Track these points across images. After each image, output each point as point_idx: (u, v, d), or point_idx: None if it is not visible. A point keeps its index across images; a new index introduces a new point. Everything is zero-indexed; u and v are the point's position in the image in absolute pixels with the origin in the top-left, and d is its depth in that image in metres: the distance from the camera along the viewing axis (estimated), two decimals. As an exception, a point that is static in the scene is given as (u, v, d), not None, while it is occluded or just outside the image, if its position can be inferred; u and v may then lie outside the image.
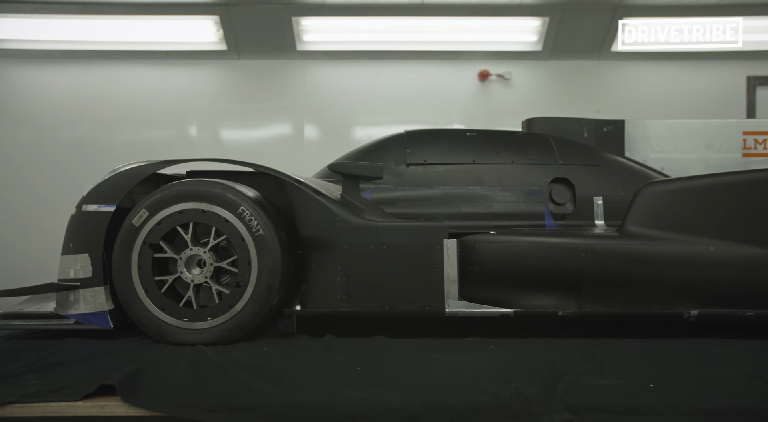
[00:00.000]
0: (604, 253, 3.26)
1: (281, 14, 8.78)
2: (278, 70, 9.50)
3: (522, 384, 2.47)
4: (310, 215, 3.27)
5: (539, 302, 3.32)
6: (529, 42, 9.35)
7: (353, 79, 9.46)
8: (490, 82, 9.57)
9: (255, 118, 9.43)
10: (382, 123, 9.05)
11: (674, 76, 9.57)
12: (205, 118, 9.38)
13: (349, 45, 9.25)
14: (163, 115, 9.24)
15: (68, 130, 9.08)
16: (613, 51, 9.38)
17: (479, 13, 9.00)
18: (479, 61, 9.48)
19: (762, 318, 3.22)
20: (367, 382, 2.53)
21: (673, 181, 3.43)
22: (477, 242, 3.35)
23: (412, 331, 3.47)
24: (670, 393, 2.40)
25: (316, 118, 9.45)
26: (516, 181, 4.06)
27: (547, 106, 9.37)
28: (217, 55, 9.27)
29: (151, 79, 9.31)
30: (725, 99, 9.42)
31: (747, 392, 2.42)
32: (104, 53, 8.98)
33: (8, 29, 8.37)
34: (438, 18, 9.07)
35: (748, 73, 9.44)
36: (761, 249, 3.22)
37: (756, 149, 4.67)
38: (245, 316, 3.14)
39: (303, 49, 9.23)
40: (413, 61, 9.42)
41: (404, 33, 9.22)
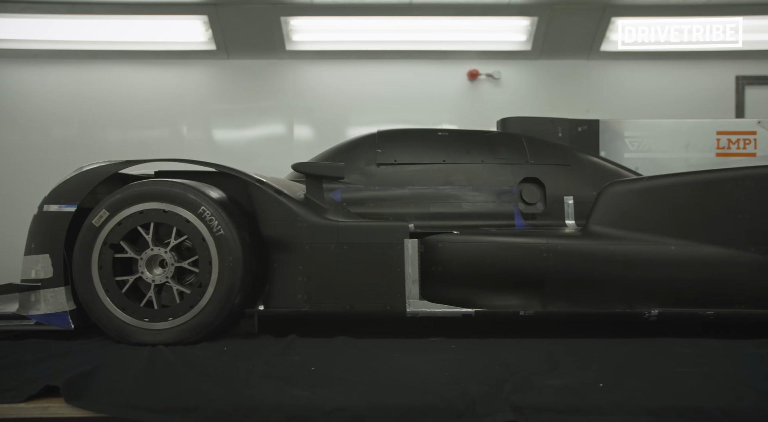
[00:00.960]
0: (566, 253, 3.26)
1: (270, 14, 8.78)
2: (268, 70, 9.50)
3: (471, 384, 2.48)
4: (271, 215, 3.27)
5: (502, 302, 3.32)
6: (518, 41, 9.35)
7: (343, 79, 9.46)
8: (479, 81, 9.56)
9: (245, 118, 9.44)
10: (371, 123, 9.02)
11: (664, 75, 9.57)
12: (195, 118, 9.39)
13: (338, 45, 9.25)
14: (153, 115, 9.24)
15: (58, 130, 9.10)
16: (602, 51, 9.38)
17: (468, 12, 9.00)
18: (469, 60, 9.48)
19: (722, 317, 3.22)
20: (317, 382, 2.53)
21: (636, 181, 3.43)
22: (440, 242, 3.35)
23: (377, 331, 3.47)
24: (617, 393, 2.41)
25: (305, 118, 9.46)
26: (486, 181, 4.05)
27: (536, 106, 9.38)
28: (207, 55, 9.27)
29: (140, 79, 9.31)
30: (714, 98, 9.41)
31: (695, 391, 2.42)
32: (93, 53, 8.99)
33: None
34: (427, 18, 9.08)
35: (737, 72, 9.43)
36: (721, 248, 3.23)
37: (729, 149, 4.66)
38: (206, 316, 3.14)
39: (292, 49, 9.24)
40: (402, 61, 9.42)
41: (393, 33, 9.22)
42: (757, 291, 3.19)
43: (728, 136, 4.67)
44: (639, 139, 4.69)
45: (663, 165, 4.57)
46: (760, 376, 2.59)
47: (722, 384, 2.49)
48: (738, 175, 3.28)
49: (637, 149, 4.69)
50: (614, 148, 4.69)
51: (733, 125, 4.71)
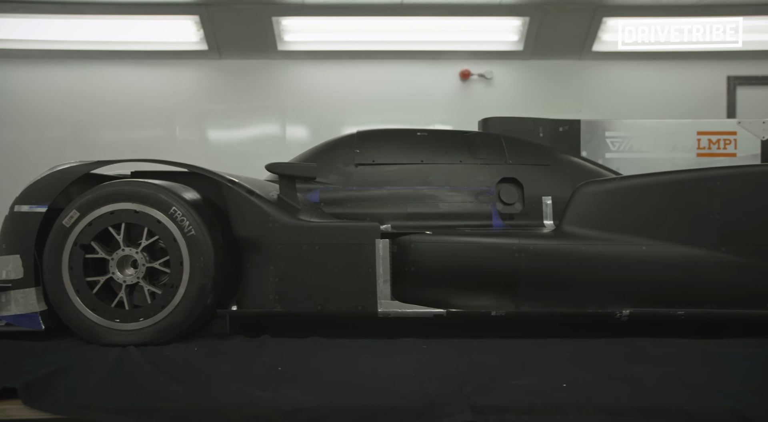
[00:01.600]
0: (538, 253, 3.26)
1: (261, 14, 8.79)
2: (260, 70, 9.51)
3: (434, 384, 2.48)
4: (243, 215, 3.27)
5: (475, 302, 3.32)
6: (510, 42, 9.36)
7: (335, 79, 9.46)
8: (471, 81, 9.57)
9: (237, 118, 9.44)
10: (364, 123, 8.99)
11: (656, 75, 9.57)
12: (188, 118, 9.40)
13: (330, 45, 9.27)
14: (145, 115, 9.25)
15: (51, 130, 9.11)
16: (594, 51, 9.39)
17: (459, 12, 9.00)
18: (461, 60, 9.49)
19: (692, 316, 3.22)
20: (282, 383, 2.53)
21: (608, 181, 3.43)
22: (412, 242, 3.35)
23: (352, 332, 3.46)
24: (579, 392, 2.41)
25: (298, 118, 9.47)
26: (464, 181, 4.06)
27: (529, 106, 9.37)
28: (199, 55, 9.29)
29: (132, 80, 9.32)
30: (706, 99, 9.43)
31: (657, 390, 2.42)
32: (84, 53, 9.00)
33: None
34: (418, 18, 9.09)
35: (728, 73, 9.43)
36: (692, 248, 3.23)
37: (710, 149, 4.66)
38: (178, 317, 3.14)
39: (284, 49, 9.25)
40: (394, 61, 9.43)
41: (385, 33, 9.23)
42: (728, 291, 3.19)
43: (709, 136, 4.67)
44: (620, 139, 4.69)
45: (644, 165, 4.56)
46: (722, 375, 2.60)
47: (684, 384, 2.50)
48: (708, 176, 3.28)
49: (618, 149, 4.68)
50: (595, 148, 4.69)
51: (713, 125, 4.71)
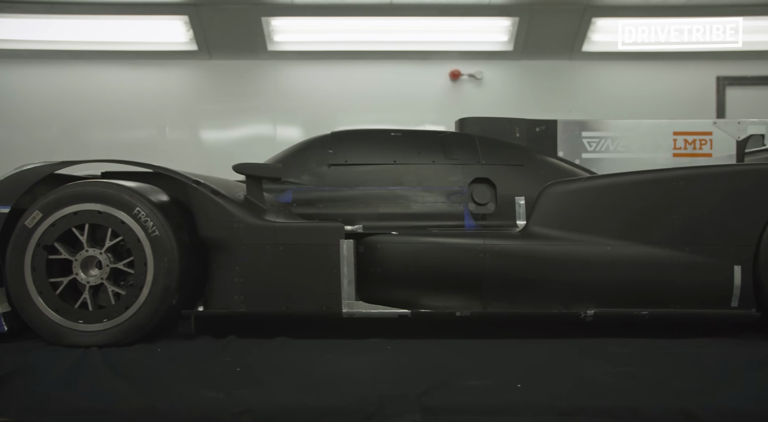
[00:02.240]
0: (503, 254, 3.26)
1: (250, 14, 8.80)
2: (250, 71, 9.52)
3: (388, 385, 2.48)
4: (208, 216, 3.27)
5: (441, 303, 3.32)
6: (500, 42, 9.38)
7: (325, 79, 9.47)
8: (461, 81, 9.57)
9: (228, 119, 9.46)
10: (354, 122, 9.02)
11: (646, 76, 9.59)
12: (178, 118, 9.41)
13: (320, 45, 9.28)
14: (135, 115, 9.26)
15: (42, 130, 9.11)
16: (584, 51, 9.40)
17: (448, 13, 9.01)
18: (451, 60, 9.50)
19: (656, 317, 3.22)
20: (237, 384, 2.54)
21: (574, 182, 3.42)
22: (378, 243, 3.35)
23: (321, 332, 3.46)
24: (533, 393, 2.42)
25: (288, 118, 9.48)
26: (436, 182, 4.06)
27: (519, 106, 9.40)
28: (188, 55, 9.30)
29: (122, 80, 9.33)
30: (695, 99, 9.44)
31: (610, 390, 2.43)
32: (74, 53, 9.02)
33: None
34: (408, 18, 9.10)
35: (717, 73, 9.43)
36: (656, 248, 3.23)
37: (686, 149, 4.66)
38: (142, 318, 3.14)
39: (274, 49, 9.27)
40: (385, 61, 9.44)
41: (374, 33, 9.24)
42: (691, 291, 3.19)
43: (684, 136, 4.67)
44: (597, 139, 4.69)
45: (620, 165, 4.55)
46: (677, 375, 2.61)
47: (639, 384, 2.50)
48: (672, 176, 3.28)
49: (595, 149, 4.68)
50: (572, 149, 4.69)
51: (689, 126, 4.70)
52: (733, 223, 3.21)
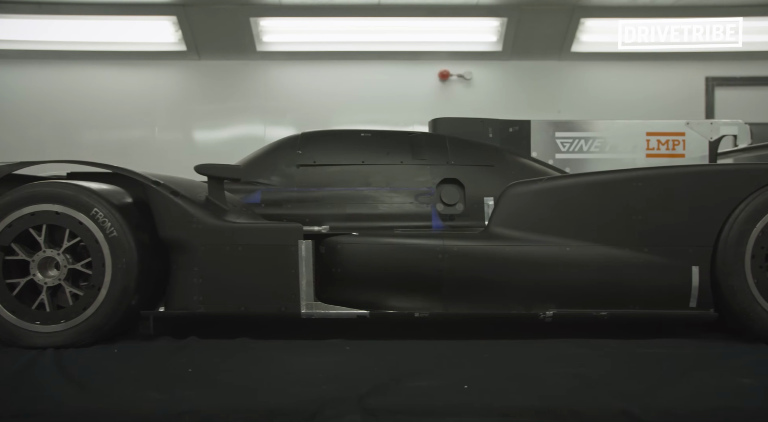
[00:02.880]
0: (461, 255, 3.26)
1: (238, 15, 8.80)
2: (239, 71, 9.53)
3: (333, 386, 2.48)
4: (168, 216, 3.26)
5: (401, 303, 3.31)
6: (488, 42, 9.38)
7: (314, 79, 9.47)
8: (451, 82, 9.57)
9: (217, 119, 9.46)
10: (343, 123, 9.06)
11: (635, 76, 9.59)
12: (167, 118, 9.42)
13: (309, 46, 9.29)
14: (125, 115, 9.27)
15: (32, 130, 9.12)
16: (573, 51, 9.38)
17: (437, 13, 9.01)
18: (440, 61, 9.50)
19: (615, 317, 3.21)
20: (184, 384, 2.54)
21: (535, 182, 3.42)
22: (339, 243, 3.35)
23: (282, 333, 3.45)
24: (477, 394, 2.42)
25: (278, 119, 9.48)
26: (404, 182, 4.06)
27: (508, 106, 9.40)
28: (177, 55, 9.31)
29: (111, 80, 9.33)
30: (684, 99, 9.44)
31: (558, 391, 2.43)
32: (62, 53, 9.02)
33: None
34: (396, 18, 9.10)
35: (706, 73, 9.42)
36: (615, 249, 3.22)
37: (659, 150, 4.66)
38: (99, 318, 3.14)
39: (263, 49, 9.27)
40: (374, 62, 9.44)
41: (363, 33, 9.25)
42: (650, 292, 3.19)
43: (658, 137, 4.67)
44: (570, 139, 4.69)
45: (594, 166, 4.57)
46: (625, 375, 2.62)
47: (586, 384, 2.51)
48: (631, 176, 3.27)
49: (568, 150, 4.69)
50: (546, 149, 4.69)
51: (662, 126, 4.71)
52: (691, 224, 3.20)
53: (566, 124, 4.76)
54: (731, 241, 3.13)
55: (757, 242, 3.11)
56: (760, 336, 3.12)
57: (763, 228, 3.11)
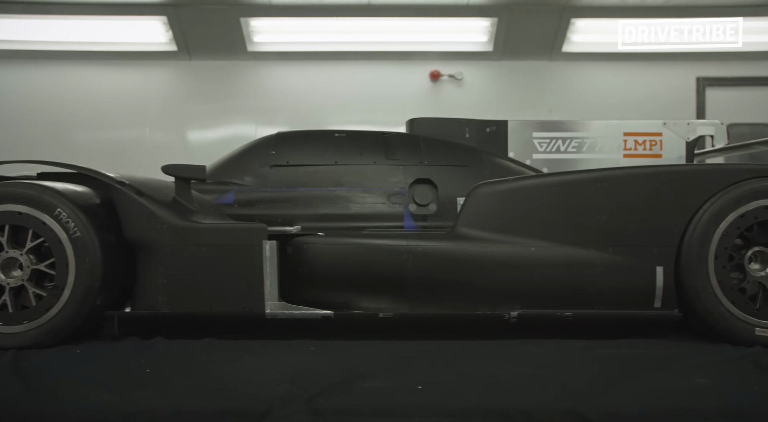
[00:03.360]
0: (426, 255, 3.25)
1: (228, 15, 8.79)
2: (230, 71, 9.52)
3: (285, 386, 2.48)
4: (133, 217, 3.26)
5: (366, 304, 3.31)
6: (479, 42, 9.36)
7: (305, 79, 9.46)
8: (441, 82, 9.56)
9: (209, 119, 9.46)
10: (333, 123, 9.05)
11: (625, 76, 9.57)
12: (159, 118, 9.41)
13: (299, 46, 9.28)
14: (116, 115, 9.26)
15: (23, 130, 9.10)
16: (564, 51, 9.36)
17: (427, 13, 9.00)
18: (431, 61, 9.48)
19: (580, 318, 3.21)
20: (139, 385, 2.54)
21: (501, 182, 3.41)
22: (305, 244, 3.35)
23: (249, 333, 3.44)
24: (430, 395, 2.41)
25: (269, 119, 9.46)
26: (377, 182, 4.05)
27: (499, 106, 9.39)
28: (168, 55, 9.30)
29: (103, 80, 9.33)
30: (676, 99, 9.41)
31: (511, 392, 2.43)
32: (52, 53, 9.01)
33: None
34: (386, 19, 9.09)
35: (697, 74, 9.40)
36: (580, 249, 3.22)
37: (636, 150, 4.65)
38: (63, 319, 3.13)
39: (254, 49, 9.26)
40: (364, 62, 9.43)
41: (354, 34, 9.24)
42: (615, 292, 3.19)
43: (635, 137, 4.66)
44: (548, 140, 4.68)
45: (571, 166, 4.55)
46: (580, 376, 2.61)
47: (539, 385, 2.50)
48: (596, 177, 3.27)
49: (545, 150, 4.67)
50: (523, 149, 4.68)
51: (639, 126, 4.69)
52: (655, 224, 3.20)
53: (544, 124, 4.74)
54: (695, 242, 3.13)
55: (721, 243, 3.11)
56: (723, 336, 3.11)
57: (726, 229, 3.11)
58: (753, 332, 3.07)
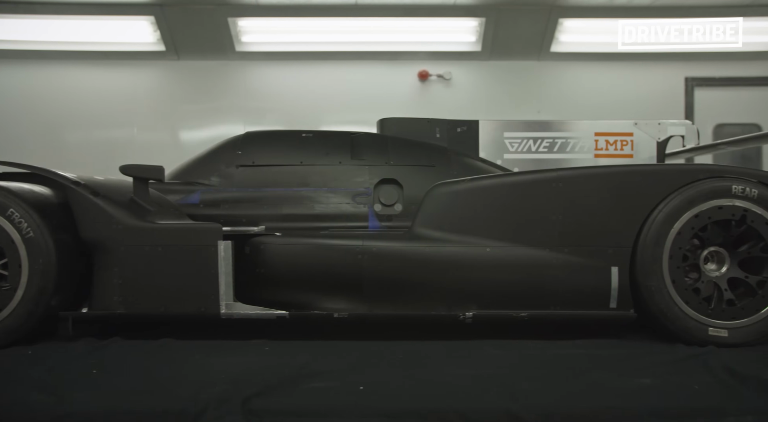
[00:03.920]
0: (381, 255, 3.24)
1: (216, 15, 8.77)
2: (219, 71, 9.50)
3: (223, 387, 2.46)
4: (88, 217, 3.26)
5: (323, 304, 3.30)
6: (468, 42, 9.34)
7: (294, 79, 9.45)
8: (430, 82, 9.54)
9: (198, 119, 9.46)
10: (322, 123, 9.06)
11: (614, 76, 9.55)
12: (147, 118, 9.40)
13: (288, 46, 9.26)
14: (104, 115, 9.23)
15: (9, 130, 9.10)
16: (552, 51, 9.34)
17: (414, 13, 8.98)
18: (420, 61, 9.46)
19: (536, 318, 3.19)
20: (78, 386, 2.53)
21: (458, 182, 3.40)
22: (262, 244, 3.34)
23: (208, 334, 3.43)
24: (369, 395, 2.41)
25: (257, 119, 9.44)
26: (342, 182, 4.04)
27: (488, 107, 9.38)
28: (156, 55, 9.29)
29: (90, 80, 9.31)
30: (664, 100, 9.38)
31: (451, 393, 2.41)
32: (40, 53, 8.98)
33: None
34: (374, 19, 9.07)
35: (686, 74, 9.37)
36: (535, 250, 3.20)
37: (607, 150, 4.62)
38: (15, 320, 3.13)
39: (242, 49, 9.25)
40: (353, 62, 9.41)
41: (342, 34, 9.22)
42: (571, 293, 3.17)
43: (606, 137, 4.64)
44: (519, 140, 4.66)
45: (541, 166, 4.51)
46: (524, 376, 2.59)
47: (480, 385, 2.49)
48: (551, 177, 3.25)
49: (516, 150, 4.65)
50: (494, 149, 4.66)
51: (610, 126, 4.67)
52: (611, 225, 3.19)
53: (515, 123, 4.72)
54: (650, 242, 3.11)
55: (675, 243, 3.09)
56: (677, 336, 3.10)
57: (680, 229, 3.09)
58: (707, 332, 3.06)
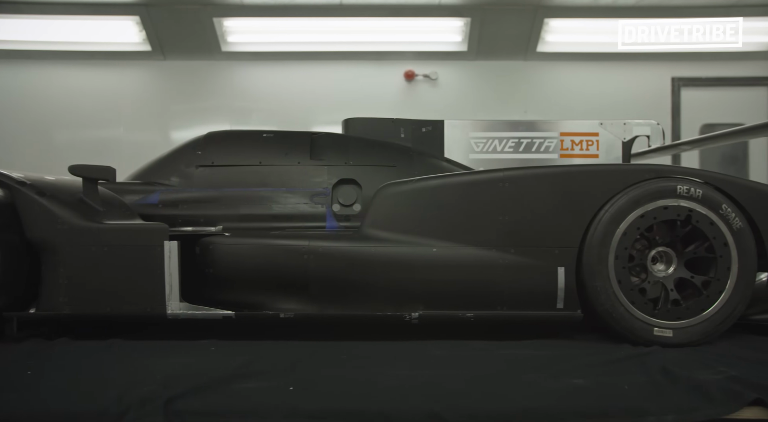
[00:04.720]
0: (327, 255, 3.23)
1: (201, 15, 8.78)
2: (205, 71, 9.51)
3: (150, 387, 2.44)
4: (33, 217, 3.24)
5: (272, 304, 3.29)
6: (454, 42, 9.34)
7: (280, 79, 9.46)
8: (416, 82, 9.53)
9: (184, 119, 9.46)
10: (310, 123, 9.04)
11: (601, 76, 9.55)
12: (134, 118, 9.41)
13: (273, 46, 9.27)
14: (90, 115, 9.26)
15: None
16: (539, 51, 9.32)
17: (400, 13, 8.97)
18: (406, 61, 9.46)
19: (482, 319, 3.18)
20: (10, 387, 2.52)
21: (407, 182, 3.39)
22: (211, 244, 3.33)
23: (158, 334, 3.42)
24: (297, 396, 2.40)
25: (244, 119, 9.46)
26: (300, 183, 4.03)
27: (476, 106, 9.36)
28: (142, 55, 9.30)
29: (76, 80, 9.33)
30: (651, 99, 9.37)
31: (378, 393, 2.41)
32: (25, 53, 9.00)
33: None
34: (359, 19, 9.08)
35: (672, 74, 9.36)
36: (482, 250, 3.19)
37: (573, 150, 4.61)
38: (-41, 320, 3.12)
39: (228, 50, 9.26)
40: (339, 62, 9.42)
41: (327, 34, 9.22)
42: (517, 293, 3.16)
43: (572, 137, 4.62)
44: (484, 140, 4.64)
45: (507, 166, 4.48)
46: (456, 377, 2.58)
47: (411, 386, 2.47)
48: (498, 177, 3.24)
49: (481, 150, 4.64)
50: (459, 149, 4.65)
51: (576, 126, 4.65)
52: (557, 225, 3.18)
53: (480, 123, 4.71)
54: (596, 242, 3.10)
55: (621, 243, 3.08)
56: (623, 336, 3.09)
57: (626, 229, 3.08)
58: (652, 332, 3.05)
